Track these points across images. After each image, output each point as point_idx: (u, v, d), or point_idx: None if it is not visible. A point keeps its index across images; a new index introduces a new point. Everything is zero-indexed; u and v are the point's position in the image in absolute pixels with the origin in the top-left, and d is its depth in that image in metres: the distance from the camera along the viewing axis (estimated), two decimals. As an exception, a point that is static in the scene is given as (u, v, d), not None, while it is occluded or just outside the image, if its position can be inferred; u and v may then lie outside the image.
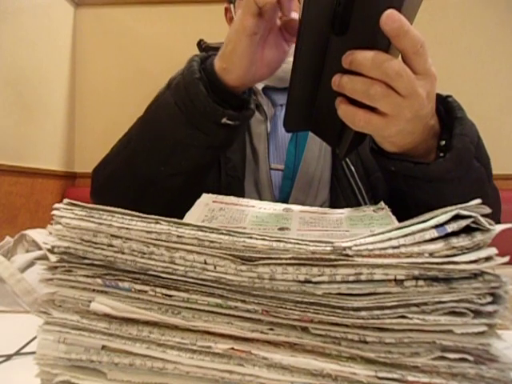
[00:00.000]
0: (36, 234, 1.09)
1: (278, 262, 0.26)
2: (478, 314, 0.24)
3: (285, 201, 0.68)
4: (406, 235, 0.26)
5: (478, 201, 0.26)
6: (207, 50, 0.78)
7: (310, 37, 0.41)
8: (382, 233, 0.26)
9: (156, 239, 0.27)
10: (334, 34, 0.41)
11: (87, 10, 2.20)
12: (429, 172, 0.47)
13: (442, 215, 0.26)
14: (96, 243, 0.28)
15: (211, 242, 0.27)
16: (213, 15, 2.02)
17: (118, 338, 0.28)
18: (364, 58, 0.39)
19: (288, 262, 0.26)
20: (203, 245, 0.27)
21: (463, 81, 1.89)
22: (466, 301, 0.25)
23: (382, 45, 0.39)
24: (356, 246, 0.26)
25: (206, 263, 0.27)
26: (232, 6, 0.76)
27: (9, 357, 0.40)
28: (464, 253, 0.25)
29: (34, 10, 1.84)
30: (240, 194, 0.68)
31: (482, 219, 0.25)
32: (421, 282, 0.25)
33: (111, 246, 0.28)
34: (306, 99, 0.46)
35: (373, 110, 0.41)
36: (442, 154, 0.48)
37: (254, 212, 0.39)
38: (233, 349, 0.26)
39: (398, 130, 0.43)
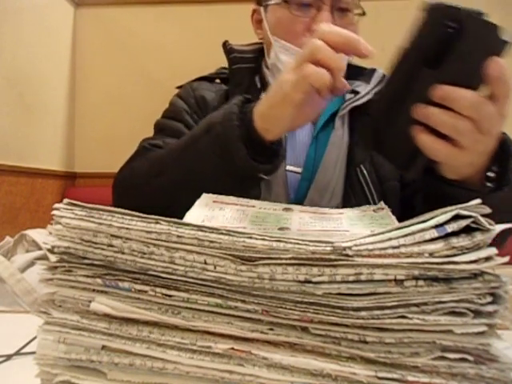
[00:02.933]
0: (36, 234, 1.09)
1: (278, 262, 0.26)
2: (477, 314, 0.24)
3: (300, 201, 0.70)
4: (405, 235, 0.26)
5: (478, 201, 0.27)
6: (231, 52, 0.80)
7: (403, 68, 0.43)
8: (382, 233, 0.26)
9: (156, 239, 0.27)
10: (426, 66, 0.42)
11: (87, 10, 2.20)
12: (484, 202, 0.49)
13: (442, 215, 0.26)
14: (96, 243, 0.28)
15: (211, 241, 0.27)
16: (214, 15, 2.03)
17: (118, 338, 0.28)
18: (461, 96, 0.41)
19: (288, 262, 0.26)
20: (203, 245, 0.27)
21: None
22: (466, 301, 0.24)
23: (474, 83, 0.41)
24: (356, 245, 0.26)
25: (205, 263, 0.27)
26: (262, 9, 0.75)
27: (9, 357, 0.40)
28: (464, 253, 0.25)
29: (33, 9, 1.84)
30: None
31: (481, 219, 0.25)
32: (421, 282, 0.25)
33: (111, 245, 0.28)
34: (382, 123, 0.48)
35: (447, 138, 0.43)
36: (489, 184, 0.50)
37: (254, 212, 0.39)
38: (233, 349, 0.26)
39: (468, 162, 0.45)
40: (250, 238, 0.27)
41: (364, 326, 0.26)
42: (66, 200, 0.30)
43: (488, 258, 0.25)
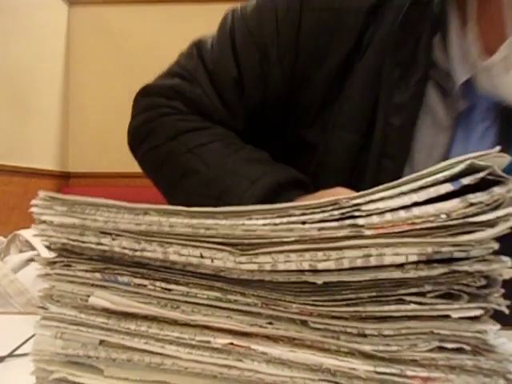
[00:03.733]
0: (29, 234, 1.08)
1: (280, 248, 0.25)
2: (473, 297, 0.24)
3: None
4: (418, 189, 0.24)
5: (496, 149, 0.24)
6: None
7: None
8: (393, 187, 0.24)
9: (147, 232, 0.26)
10: None
11: (81, 8, 2.19)
12: None
13: (456, 166, 0.23)
14: (84, 242, 0.27)
15: (207, 229, 0.26)
16: (212, 15, 2.02)
17: (117, 332, 0.28)
18: None
19: (291, 247, 0.25)
20: (198, 234, 0.26)
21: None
22: (461, 283, 0.24)
23: None
24: (365, 202, 0.24)
25: (202, 257, 0.26)
26: None
27: (2, 359, 0.40)
28: (484, 211, 0.23)
29: (26, 8, 1.83)
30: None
31: (498, 170, 0.23)
32: (421, 265, 0.24)
33: (100, 244, 0.27)
34: None
35: None
36: None
37: None
38: (232, 344, 0.26)
39: None
40: (250, 218, 0.25)
41: (363, 317, 0.25)
42: (42, 192, 0.28)
43: (506, 218, 0.23)
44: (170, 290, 0.27)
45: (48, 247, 0.29)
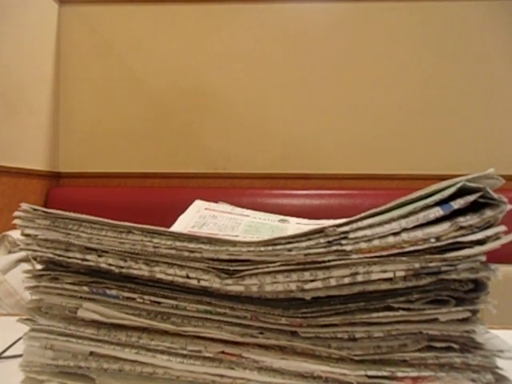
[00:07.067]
0: (18, 234, 1.07)
1: (266, 270, 0.25)
2: (460, 300, 0.24)
3: None
4: (407, 215, 0.23)
5: (491, 170, 0.23)
6: None
7: None
8: (382, 212, 0.24)
9: (131, 252, 0.26)
10: None
11: (72, 7, 2.17)
12: None
13: (447, 189, 0.23)
14: (70, 257, 0.27)
15: (191, 252, 0.26)
16: (203, 15, 2.00)
17: (107, 343, 0.27)
18: None
19: (277, 269, 0.25)
20: (182, 256, 0.26)
21: (468, 83, 1.88)
22: (449, 289, 0.24)
23: None
24: (352, 230, 0.24)
25: (188, 277, 0.26)
26: None
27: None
28: (474, 232, 0.23)
29: (16, 6, 1.81)
30: None
31: (491, 192, 0.23)
32: (409, 277, 0.24)
33: (86, 260, 0.27)
34: None
35: None
36: None
37: (248, 221, 0.38)
38: (223, 352, 0.26)
39: None
40: (235, 245, 0.25)
41: (352, 322, 0.25)
42: (25, 205, 0.28)
43: (495, 237, 0.22)
44: (159, 303, 0.27)
45: (34, 259, 0.29)
